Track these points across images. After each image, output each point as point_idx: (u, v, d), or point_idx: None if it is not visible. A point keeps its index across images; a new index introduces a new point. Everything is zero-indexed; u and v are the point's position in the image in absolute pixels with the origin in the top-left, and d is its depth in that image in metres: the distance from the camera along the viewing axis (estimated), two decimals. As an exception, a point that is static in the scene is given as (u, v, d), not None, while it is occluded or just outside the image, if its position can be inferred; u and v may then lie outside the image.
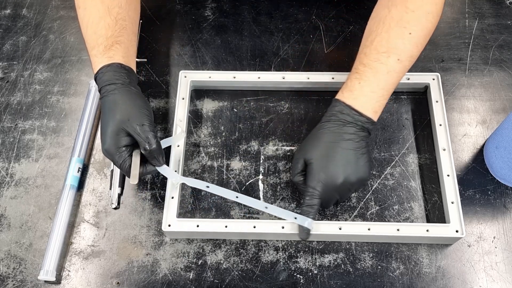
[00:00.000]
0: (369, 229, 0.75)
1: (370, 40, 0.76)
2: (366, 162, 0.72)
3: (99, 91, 0.75)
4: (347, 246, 0.77)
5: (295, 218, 0.73)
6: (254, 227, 0.75)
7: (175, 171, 0.79)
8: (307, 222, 0.72)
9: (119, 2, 0.79)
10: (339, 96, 0.75)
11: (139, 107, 0.72)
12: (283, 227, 0.75)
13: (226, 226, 0.75)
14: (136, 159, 0.73)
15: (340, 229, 0.75)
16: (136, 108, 0.72)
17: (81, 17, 0.80)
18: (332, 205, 0.77)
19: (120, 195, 0.81)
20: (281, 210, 0.74)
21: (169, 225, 0.75)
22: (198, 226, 0.75)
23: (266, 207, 0.75)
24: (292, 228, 0.75)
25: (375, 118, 0.74)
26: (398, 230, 0.75)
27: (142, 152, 0.72)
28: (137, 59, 0.94)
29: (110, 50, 0.75)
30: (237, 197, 0.75)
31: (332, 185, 0.71)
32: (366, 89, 0.73)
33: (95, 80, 0.76)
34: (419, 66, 0.91)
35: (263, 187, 0.81)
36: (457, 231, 0.74)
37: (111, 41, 0.76)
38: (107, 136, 0.71)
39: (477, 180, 0.82)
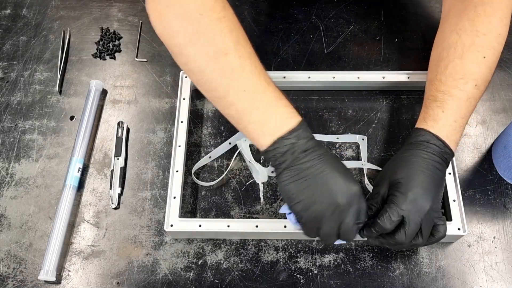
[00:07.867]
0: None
1: (443, 67, 0.73)
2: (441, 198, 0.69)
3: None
4: (347, 246, 0.77)
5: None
6: (256, 226, 0.75)
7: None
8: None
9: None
10: (423, 125, 0.71)
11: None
12: (285, 226, 0.75)
13: (228, 226, 0.75)
14: None
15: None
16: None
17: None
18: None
19: (120, 195, 0.81)
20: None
21: (171, 225, 0.75)
22: (200, 226, 0.75)
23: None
24: (294, 227, 0.75)
25: (455, 150, 0.70)
26: None
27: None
28: (137, 59, 0.94)
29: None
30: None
31: (417, 209, 0.65)
32: (450, 118, 0.70)
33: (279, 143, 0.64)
34: (418, 66, 0.91)
35: (263, 187, 0.81)
36: (459, 229, 0.74)
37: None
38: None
39: (477, 180, 0.82)
